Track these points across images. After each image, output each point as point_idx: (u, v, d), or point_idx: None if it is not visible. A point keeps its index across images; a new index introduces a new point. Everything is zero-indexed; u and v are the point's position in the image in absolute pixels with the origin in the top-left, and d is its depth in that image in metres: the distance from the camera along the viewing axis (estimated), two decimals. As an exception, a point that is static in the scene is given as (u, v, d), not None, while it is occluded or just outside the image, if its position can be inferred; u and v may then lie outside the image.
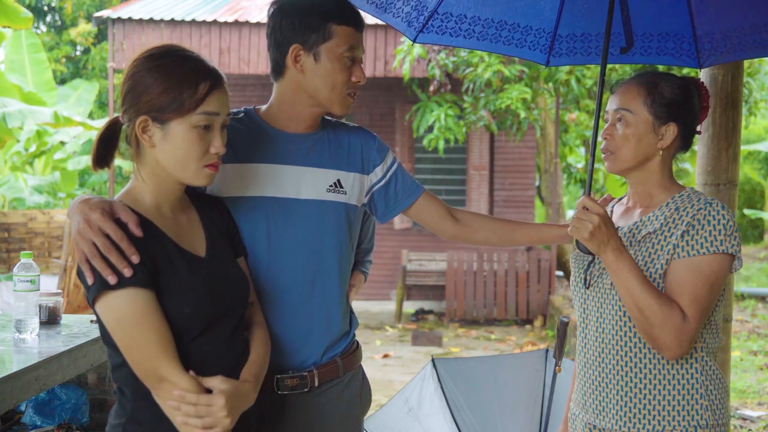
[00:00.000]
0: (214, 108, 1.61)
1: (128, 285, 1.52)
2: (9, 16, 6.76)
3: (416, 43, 2.46)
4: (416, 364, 7.17)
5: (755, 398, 6.02)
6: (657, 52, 2.42)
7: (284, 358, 1.88)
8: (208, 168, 1.64)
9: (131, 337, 1.54)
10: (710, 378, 1.87)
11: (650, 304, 1.75)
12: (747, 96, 7.88)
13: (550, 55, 2.46)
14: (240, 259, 1.81)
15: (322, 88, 1.87)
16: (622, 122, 1.90)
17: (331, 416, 1.95)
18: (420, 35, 2.39)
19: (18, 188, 11.56)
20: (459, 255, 9.72)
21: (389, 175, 2.04)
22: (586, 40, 2.43)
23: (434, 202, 2.10)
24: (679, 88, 1.91)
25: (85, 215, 1.55)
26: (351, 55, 1.86)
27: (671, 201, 1.89)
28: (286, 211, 1.89)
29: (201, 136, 1.61)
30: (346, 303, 2.01)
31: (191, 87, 1.59)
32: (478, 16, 2.38)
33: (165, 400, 1.57)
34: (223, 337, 1.66)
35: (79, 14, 17.66)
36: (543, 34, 2.42)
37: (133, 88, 1.61)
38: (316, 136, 1.96)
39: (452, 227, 2.10)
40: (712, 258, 1.79)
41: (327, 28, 1.83)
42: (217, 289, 1.65)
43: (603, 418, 1.91)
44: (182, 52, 1.64)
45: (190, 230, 1.70)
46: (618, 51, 2.32)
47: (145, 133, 1.60)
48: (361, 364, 2.07)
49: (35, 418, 2.40)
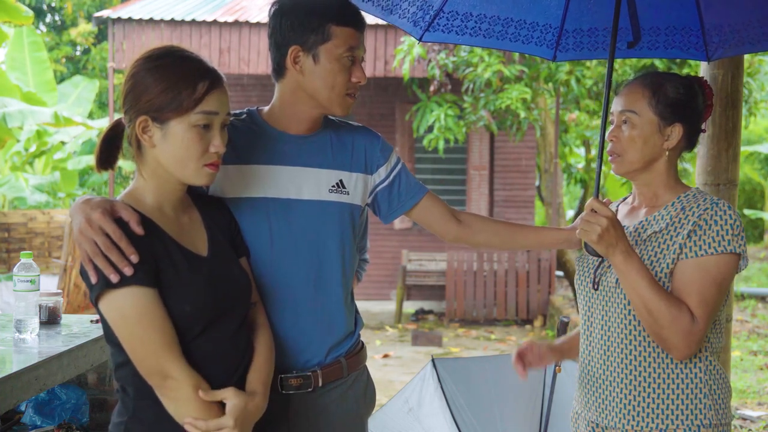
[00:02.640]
0: (212, 107, 1.62)
1: (130, 283, 1.53)
2: (10, 14, 6.76)
3: (422, 42, 2.46)
4: (416, 364, 7.16)
5: (755, 398, 6.02)
6: (665, 46, 2.41)
7: (288, 358, 1.88)
8: (208, 167, 1.64)
9: (134, 335, 1.55)
10: (714, 378, 1.87)
11: (659, 306, 1.75)
12: (747, 96, 7.88)
13: (557, 50, 2.45)
14: (242, 259, 1.81)
15: (321, 88, 1.87)
16: (627, 124, 1.90)
17: (335, 416, 1.95)
18: (426, 34, 2.39)
19: (18, 188, 11.56)
20: (459, 255, 9.72)
21: (393, 176, 2.03)
22: (593, 35, 2.43)
23: (438, 203, 2.09)
24: (684, 88, 1.90)
25: (87, 215, 1.55)
26: (350, 55, 1.85)
27: (677, 201, 1.89)
28: (287, 211, 1.89)
29: (200, 136, 1.61)
30: (351, 303, 2.00)
31: (189, 86, 1.59)
32: (483, 14, 2.38)
33: (168, 399, 1.58)
34: (225, 336, 1.66)
35: (79, 14, 17.66)
36: (549, 30, 2.42)
37: (133, 89, 1.62)
38: (318, 136, 1.96)
39: (455, 229, 2.08)
40: (720, 258, 1.79)
41: (326, 29, 1.83)
42: (219, 288, 1.66)
43: (606, 416, 1.91)
44: (181, 52, 1.65)
45: (192, 230, 1.71)
46: (625, 45, 2.31)
47: (145, 133, 1.61)
48: (366, 366, 2.07)
49: (35, 418, 2.40)
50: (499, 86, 8.14)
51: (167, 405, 1.58)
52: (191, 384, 1.57)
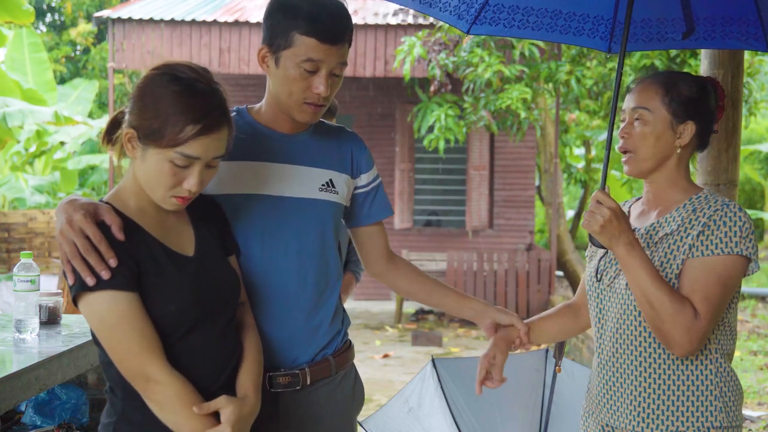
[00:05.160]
0: (194, 152, 1.58)
1: (107, 287, 1.53)
2: (10, 11, 6.75)
3: (470, 35, 2.42)
4: (416, 364, 7.16)
5: (755, 398, 6.02)
6: (722, 36, 2.34)
7: (276, 356, 1.89)
8: (176, 199, 1.62)
9: (114, 338, 1.55)
10: (724, 379, 1.86)
11: (661, 300, 1.75)
12: (747, 96, 7.88)
13: (611, 41, 2.40)
14: (231, 257, 1.81)
15: (280, 93, 1.87)
16: (640, 121, 1.90)
17: (324, 414, 1.96)
18: (473, 27, 2.36)
19: (18, 188, 11.56)
20: (459, 255, 9.72)
21: (372, 186, 2.07)
22: (647, 26, 2.38)
23: (385, 235, 2.14)
24: (697, 87, 1.91)
25: (69, 215, 1.56)
26: (310, 67, 1.82)
27: (688, 202, 1.89)
28: (278, 209, 1.90)
29: (174, 172, 1.59)
30: (338, 302, 2.02)
31: (178, 125, 1.56)
32: (531, 6, 2.34)
33: (153, 402, 1.57)
34: (212, 335, 1.66)
35: (79, 14, 17.66)
36: (602, 21, 2.38)
37: (136, 98, 1.61)
38: (304, 136, 1.97)
39: (384, 265, 2.12)
40: (726, 258, 1.79)
41: (290, 36, 1.81)
42: (204, 288, 1.66)
43: (617, 417, 1.91)
44: (198, 84, 1.60)
45: (178, 230, 1.70)
46: (680, 36, 2.26)
47: (130, 143, 1.61)
48: (354, 364, 2.09)
49: (35, 418, 2.40)
50: (499, 86, 8.14)
51: (153, 408, 1.58)
52: (175, 387, 1.56)
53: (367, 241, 2.11)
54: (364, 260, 2.14)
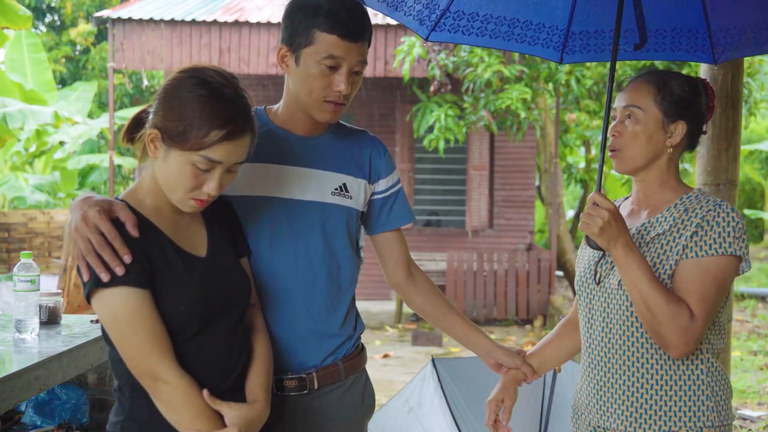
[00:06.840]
0: (217, 157, 1.59)
1: (121, 283, 1.54)
2: (7, 16, 6.73)
3: (428, 41, 2.45)
4: (416, 364, 7.16)
5: (755, 398, 6.02)
6: (671, 48, 2.40)
7: (284, 359, 1.88)
8: (195, 201, 1.63)
9: (125, 335, 1.56)
10: (716, 379, 1.87)
11: (658, 302, 1.75)
12: (747, 96, 7.89)
13: (563, 52, 2.44)
14: (243, 259, 1.81)
15: (300, 91, 1.86)
16: (631, 119, 1.90)
17: (332, 419, 1.94)
18: (432, 33, 2.37)
19: (18, 188, 11.56)
20: (459, 255, 9.72)
21: (391, 192, 2.04)
22: (600, 37, 2.41)
23: (405, 244, 2.10)
24: (689, 87, 1.91)
25: (84, 212, 1.56)
26: (331, 63, 1.81)
27: (679, 202, 1.89)
28: (287, 211, 1.89)
29: (195, 174, 1.60)
30: (352, 306, 1.99)
31: (203, 129, 1.56)
32: (490, 14, 2.36)
33: (160, 401, 1.58)
34: (220, 336, 1.66)
35: (79, 14, 17.65)
36: (556, 32, 2.41)
37: (162, 99, 1.61)
38: (322, 138, 1.95)
39: (403, 276, 2.09)
40: (720, 259, 1.79)
41: (310, 33, 1.81)
42: (214, 289, 1.66)
43: (608, 418, 1.90)
44: (226, 89, 1.60)
45: (191, 230, 1.71)
46: (632, 48, 2.30)
47: (152, 143, 1.61)
48: (366, 369, 2.06)
49: (35, 418, 2.40)
50: (499, 86, 8.14)
51: (159, 407, 1.58)
52: (182, 388, 1.57)
53: (385, 248, 2.08)
54: (383, 268, 2.11)
